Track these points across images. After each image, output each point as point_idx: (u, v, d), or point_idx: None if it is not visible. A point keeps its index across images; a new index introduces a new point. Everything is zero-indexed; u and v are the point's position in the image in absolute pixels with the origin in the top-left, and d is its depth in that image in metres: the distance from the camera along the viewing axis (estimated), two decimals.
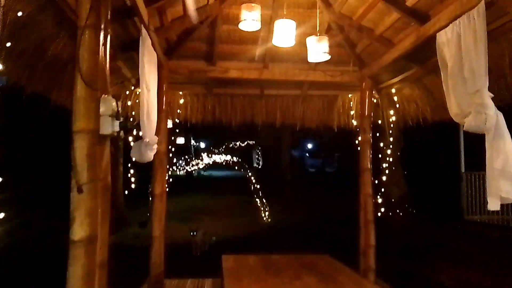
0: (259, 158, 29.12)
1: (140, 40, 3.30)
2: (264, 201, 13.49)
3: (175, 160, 22.81)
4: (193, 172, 25.00)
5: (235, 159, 24.76)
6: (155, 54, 3.85)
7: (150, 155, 3.53)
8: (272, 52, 5.20)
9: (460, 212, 9.92)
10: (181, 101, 5.91)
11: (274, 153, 22.07)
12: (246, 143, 26.98)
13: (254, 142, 27.18)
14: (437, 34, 3.34)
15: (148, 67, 3.43)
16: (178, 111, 5.87)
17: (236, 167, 19.26)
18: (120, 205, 11.85)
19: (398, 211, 8.08)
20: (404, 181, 8.42)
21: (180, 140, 21.73)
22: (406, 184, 8.49)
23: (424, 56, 4.66)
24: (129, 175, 9.90)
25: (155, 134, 3.65)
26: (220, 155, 26.72)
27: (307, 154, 36.62)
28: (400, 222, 8.05)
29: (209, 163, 26.64)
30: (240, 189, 18.95)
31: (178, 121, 6.08)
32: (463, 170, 10.34)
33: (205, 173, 28.55)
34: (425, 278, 6.25)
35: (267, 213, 12.92)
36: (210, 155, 25.43)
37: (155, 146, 3.63)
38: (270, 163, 23.97)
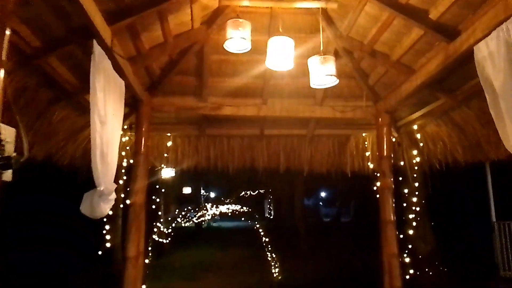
0: (271, 208, 27.93)
1: (92, 58, 2.58)
2: (275, 255, 12.34)
3: (182, 212, 21.85)
4: (202, 223, 23.87)
5: (246, 209, 23.77)
6: (121, 81, 3.13)
7: (104, 208, 2.71)
8: (271, 86, 4.48)
9: (494, 268, 8.68)
10: (169, 143, 5.15)
11: (286, 202, 21.04)
12: (257, 192, 25.99)
13: (265, 191, 26.16)
14: (475, 48, 2.59)
15: (104, 95, 2.69)
16: (166, 154, 5.09)
17: (247, 218, 18.25)
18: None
19: (427, 270, 6.96)
20: (431, 234, 7.35)
21: (187, 190, 20.90)
22: (434, 237, 7.41)
23: (453, 83, 3.88)
24: None
25: (114, 181, 2.85)
26: (231, 205, 25.77)
27: (321, 203, 35.30)
28: (430, 283, 6.91)
29: (219, 213, 25.64)
30: (251, 242, 17.76)
31: (174, 168, 5.31)
32: (494, 219, 9.21)
33: (215, 224, 27.35)
34: None
35: (277, 269, 11.74)
36: (220, 205, 24.49)
37: (113, 197, 2.80)
38: (282, 213, 22.86)
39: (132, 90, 3.82)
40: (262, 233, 15.73)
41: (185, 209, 22.32)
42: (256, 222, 14.74)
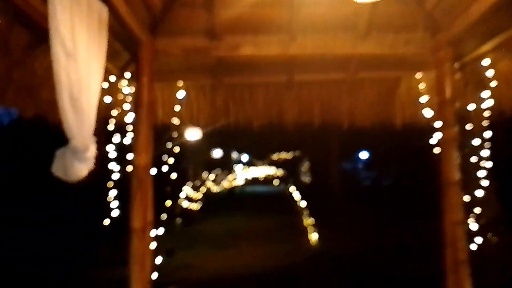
0: (306, 172, 27.35)
1: None
2: (310, 222, 11.87)
3: (212, 177, 21.60)
4: (235, 188, 23.69)
5: (280, 173, 23.35)
6: (102, 7, 2.50)
7: (79, 169, 2.14)
8: (301, 17, 3.73)
9: None
10: (180, 95, 4.53)
11: (322, 166, 20.36)
12: (291, 155, 25.42)
13: (300, 154, 25.53)
14: None
15: (71, 19, 2.07)
16: (177, 108, 4.48)
17: (281, 183, 17.82)
18: None
19: (489, 237, 6.22)
20: (495, 197, 6.53)
21: (217, 153, 20.52)
22: (499, 200, 6.60)
23: None
24: None
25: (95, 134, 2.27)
26: (264, 169, 25.40)
27: (361, 166, 34.36)
28: (494, 253, 6.21)
29: (252, 178, 25.39)
30: (285, 208, 17.44)
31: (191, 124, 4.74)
32: None
33: (248, 190, 27.19)
34: None
35: (313, 238, 11.26)
36: (252, 170, 24.17)
37: (91, 154, 2.23)
38: (318, 177, 22.23)
39: (126, 27, 3.20)
40: (296, 199, 15.27)
41: (216, 174, 22.07)
42: (290, 187, 14.30)
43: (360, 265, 8.77)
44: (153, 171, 3.62)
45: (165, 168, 4.19)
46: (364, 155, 31.04)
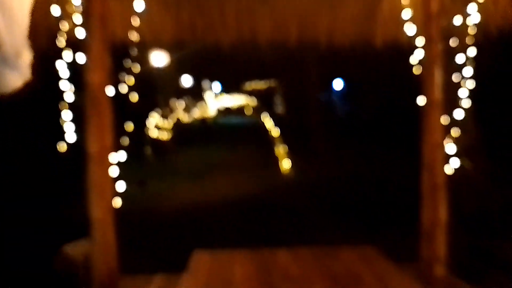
0: (281, 103, 27.16)
1: None
2: (286, 153, 11.89)
3: (182, 105, 21.08)
4: (207, 119, 23.40)
5: (254, 103, 23.12)
6: None
7: (11, 78, 1.85)
8: None
9: None
10: (139, 7, 4.09)
11: (298, 96, 20.16)
12: (266, 85, 25.03)
13: (275, 84, 25.17)
14: None
15: None
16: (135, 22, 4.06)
17: (256, 113, 17.64)
18: None
19: (465, 165, 6.25)
20: (473, 123, 6.49)
21: (187, 81, 19.83)
22: (478, 126, 6.58)
23: None
24: None
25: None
26: (237, 99, 25.07)
27: (337, 97, 34.29)
28: (469, 181, 6.28)
29: (225, 109, 25.11)
30: (259, 138, 17.43)
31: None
32: None
33: (221, 121, 26.95)
34: None
35: (286, 166, 11.33)
36: (224, 99, 23.77)
37: (25, 61, 1.92)
38: (293, 108, 22.10)
39: None
40: (270, 129, 15.23)
41: (186, 103, 21.58)
42: (264, 118, 14.16)
43: (333, 193, 8.90)
44: (111, 91, 3.33)
45: (126, 89, 3.86)
46: (339, 85, 30.86)
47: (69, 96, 3.72)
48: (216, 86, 28.41)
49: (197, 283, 2.28)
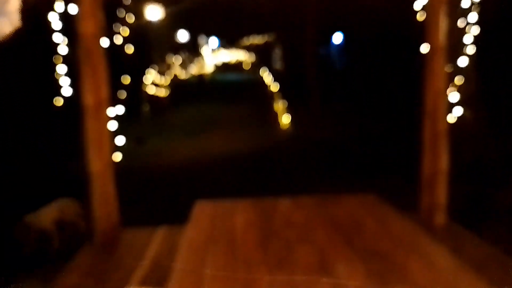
0: (280, 58, 26.72)
1: None
2: (282, 107, 11.81)
3: (178, 61, 20.67)
4: (204, 76, 23.05)
5: (252, 59, 22.75)
6: None
7: (0, 24, 1.76)
8: None
9: None
10: None
11: (297, 51, 19.80)
12: (264, 39, 24.50)
13: (273, 39, 24.63)
14: None
15: None
16: None
17: (254, 69, 17.38)
18: None
19: (464, 113, 6.17)
20: (474, 70, 6.33)
21: (183, 36, 19.28)
22: (478, 74, 6.43)
23: None
24: None
25: None
26: (235, 54, 24.64)
27: (336, 50, 33.68)
28: (469, 130, 6.23)
29: (222, 64, 24.73)
30: (257, 94, 17.24)
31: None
32: None
33: (218, 77, 26.56)
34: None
35: (285, 122, 11.28)
36: (222, 54, 23.32)
37: (13, 7, 1.83)
38: (291, 63, 21.78)
39: None
40: (268, 85, 15.06)
41: (183, 58, 21.18)
42: (262, 74, 13.95)
43: (332, 146, 8.90)
44: (105, 42, 3.23)
45: (120, 41, 3.75)
46: (338, 38, 30.27)
47: (63, 49, 3.63)
48: (213, 41, 27.74)
49: (200, 231, 2.30)
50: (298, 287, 1.68)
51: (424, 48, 3.50)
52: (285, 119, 11.32)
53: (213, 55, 24.03)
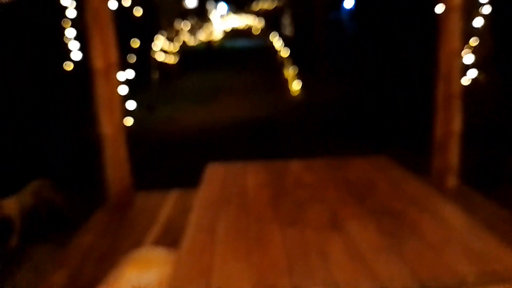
0: (290, 23, 26.24)
1: None
2: (293, 74, 11.69)
3: (187, 26, 20.39)
4: (213, 42, 22.80)
5: (262, 25, 22.38)
6: None
7: None
8: None
9: None
10: None
11: (307, 16, 19.40)
12: (274, 4, 24.01)
13: (283, 3, 24.14)
14: None
15: None
16: None
17: (264, 35, 17.13)
18: None
19: (478, 76, 6.05)
20: (489, 32, 6.17)
21: (191, 1, 18.98)
22: (493, 36, 6.26)
23: None
24: None
25: None
26: (244, 20, 24.25)
27: (347, 15, 32.97)
28: (482, 93, 6.13)
29: (231, 30, 24.39)
30: (267, 61, 17.05)
31: None
32: None
33: (228, 43, 26.24)
34: None
35: (296, 88, 11.20)
36: (231, 19, 22.96)
37: None
38: (302, 29, 21.39)
39: None
40: (278, 51, 14.88)
41: (191, 24, 20.89)
42: (272, 40, 13.75)
43: (343, 113, 8.84)
44: (113, 3, 3.19)
45: (129, 2, 3.69)
46: (349, 2, 29.55)
47: (71, 12, 3.59)
48: (222, 6, 27.28)
49: (213, 191, 2.32)
50: (309, 243, 1.70)
51: (439, 8, 3.39)
52: (296, 86, 11.22)
53: (222, 20, 23.65)
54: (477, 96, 6.13)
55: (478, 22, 3.89)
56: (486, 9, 3.97)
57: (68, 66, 3.64)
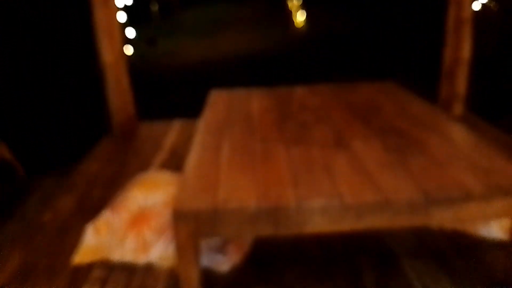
0: None
1: None
2: (297, 4, 11.29)
3: None
4: None
5: None
6: None
7: None
8: None
9: None
10: None
11: None
12: None
13: None
14: None
15: None
16: None
17: None
18: None
19: (489, 2, 5.84)
20: None
21: None
22: None
23: None
24: None
25: None
26: None
27: None
28: (493, 21, 5.94)
29: None
30: None
31: None
32: None
33: None
34: None
35: (300, 19, 10.87)
36: None
37: None
38: None
39: None
40: None
41: None
42: None
43: (350, 43, 8.63)
44: None
45: None
46: None
47: None
48: None
49: (217, 115, 2.30)
50: (314, 159, 1.70)
51: None
52: (300, 17, 10.90)
53: None
54: (487, 23, 5.94)
55: None
56: None
57: None
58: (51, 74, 4.54)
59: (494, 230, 1.95)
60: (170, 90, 6.01)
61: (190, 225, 1.40)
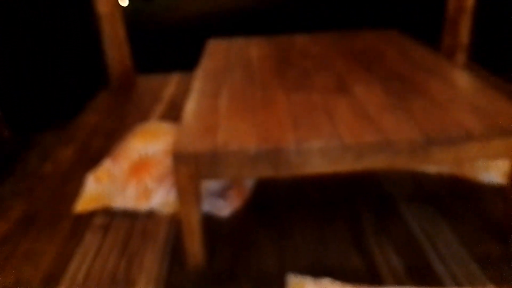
0: None
1: None
2: None
3: None
4: None
5: None
6: None
7: None
8: None
9: None
10: None
11: None
12: None
13: None
14: None
15: None
16: None
17: None
18: None
19: None
20: None
21: None
22: None
23: None
24: None
25: None
26: None
27: None
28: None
29: None
30: None
31: None
32: None
33: None
34: None
35: None
36: None
37: None
38: None
39: None
40: None
41: None
42: None
43: None
44: None
45: None
46: None
47: None
48: None
49: (216, 62, 2.27)
50: (315, 103, 1.69)
51: None
52: None
53: None
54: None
55: None
56: None
57: None
58: (46, 26, 4.44)
59: (493, 175, 1.97)
60: (167, 44, 5.90)
61: (190, 168, 1.41)
